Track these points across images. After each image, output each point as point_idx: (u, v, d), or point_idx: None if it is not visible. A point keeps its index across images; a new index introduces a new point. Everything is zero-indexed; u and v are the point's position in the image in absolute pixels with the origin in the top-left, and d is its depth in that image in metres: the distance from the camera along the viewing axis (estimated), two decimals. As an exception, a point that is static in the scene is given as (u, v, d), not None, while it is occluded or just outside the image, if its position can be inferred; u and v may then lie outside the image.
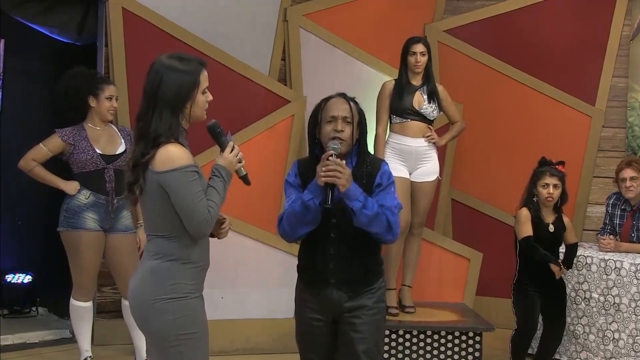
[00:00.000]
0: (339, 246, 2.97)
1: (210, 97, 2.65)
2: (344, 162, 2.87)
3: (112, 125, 4.51)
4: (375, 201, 2.90)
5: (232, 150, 2.68)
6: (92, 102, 4.35)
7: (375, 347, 3.00)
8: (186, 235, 2.59)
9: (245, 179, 2.75)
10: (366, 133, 3.04)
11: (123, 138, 4.41)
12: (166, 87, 2.55)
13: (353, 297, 2.98)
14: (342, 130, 2.94)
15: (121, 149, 4.37)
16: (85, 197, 4.28)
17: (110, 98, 4.37)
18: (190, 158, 2.57)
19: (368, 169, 2.98)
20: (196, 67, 2.60)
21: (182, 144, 2.58)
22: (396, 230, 2.93)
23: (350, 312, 2.98)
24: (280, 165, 5.24)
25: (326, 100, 3.03)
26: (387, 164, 3.06)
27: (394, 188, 3.01)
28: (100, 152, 4.31)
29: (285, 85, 5.54)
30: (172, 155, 2.53)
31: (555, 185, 4.42)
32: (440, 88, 4.94)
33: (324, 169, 2.83)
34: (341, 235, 2.96)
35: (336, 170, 2.81)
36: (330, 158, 2.84)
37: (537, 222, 4.42)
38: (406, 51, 4.85)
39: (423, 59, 4.82)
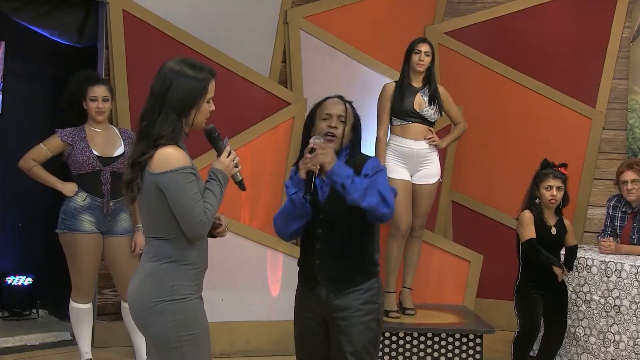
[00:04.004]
0: (325, 242, 3.00)
1: (213, 107, 2.70)
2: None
3: (114, 127, 4.51)
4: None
5: (228, 154, 2.70)
6: (84, 105, 4.36)
7: (363, 349, 2.99)
8: (183, 237, 2.61)
9: (241, 185, 2.77)
10: (360, 137, 3.09)
11: (123, 140, 4.40)
12: (175, 92, 2.59)
13: (339, 295, 2.99)
14: (336, 127, 3.01)
15: (119, 151, 4.36)
16: (82, 199, 4.28)
17: (94, 99, 4.32)
18: (188, 160, 2.59)
19: (356, 165, 3.01)
20: (206, 76, 2.65)
21: (180, 147, 2.61)
22: (390, 201, 2.89)
23: (338, 312, 2.99)
24: (280, 167, 5.24)
25: (323, 100, 3.11)
26: (377, 159, 3.09)
27: (384, 176, 2.99)
28: (97, 154, 4.30)
29: (286, 87, 5.54)
30: (168, 157, 2.55)
31: (558, 188, 4.42)
32: (441, 90, 4.94)
33: (302, 159, 2.90)
34: (328, 231, 2.99)
35: (320, 149, 2.87)
36: (314, 140, 2.92)
37: (540, 224, 4.42)
38: (411, 50, 4.85)
39: (427, 59, 4.83)
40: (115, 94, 4.69)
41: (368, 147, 3.32)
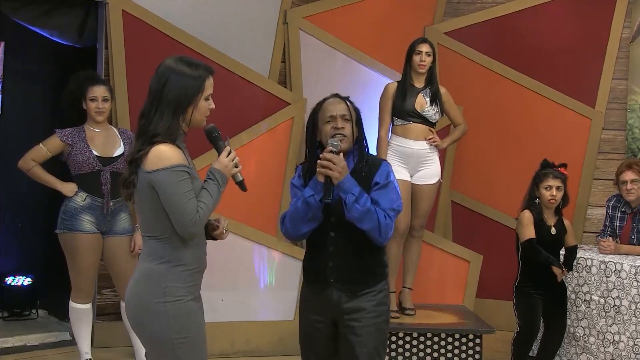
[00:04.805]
0: (338, 245, 2.99)
1: (213, 105, 2.68)
2: (342, 157, 2.90)
3: (113, 127, 4.52)
4: (369, 198, 2.91)
5: (228, 154, 2.69)
6: (84, 105, 4.36)
7: (374, 350, 3.00)
8: (177, 237, 2.60)
9: (241, 185, 2.75)
10: (364, 131, 3.08)
11: (123, 141, 4.40)
12: (171, 89, 2.58)
13: (352, 298, 2.99)
14: (343, 127, 2.98)
15: (119, 151, 4.36)
16: (81, 199, 4.28)
17: (93, 99, 4.33)
18: (182, 159, 2.58)
19: (369, 165, 3.01)
20: (203, 73, 2.64)
21: (178, 146, 2.61)
22: (385, 232, 2.91)
23: (350, 314, 2.98)
24: (280, 167, 5.24)
25: (322, 102, 3.08)
26: (389, 164, 3.08)
27: (394, 188, 3.00)
28: (97, 154, 4.30)
29: (286, 87, 5.54)
30: (162, 154, 2.55)
31: (558, 188, 4.43)
32: (443, 90, 4.94)
33: (318, 162, 2.87)
34: (341, 233, 2.98)
35: (330, 161, 2.84)
36: (325, 153, 2.87)
37: (540, 224, 4.42)
38: (412, 50, 4.85)
39: (428, 59, 4.83)
40: (115, 94, 4.69)
41: (370, 147, 3.33)
